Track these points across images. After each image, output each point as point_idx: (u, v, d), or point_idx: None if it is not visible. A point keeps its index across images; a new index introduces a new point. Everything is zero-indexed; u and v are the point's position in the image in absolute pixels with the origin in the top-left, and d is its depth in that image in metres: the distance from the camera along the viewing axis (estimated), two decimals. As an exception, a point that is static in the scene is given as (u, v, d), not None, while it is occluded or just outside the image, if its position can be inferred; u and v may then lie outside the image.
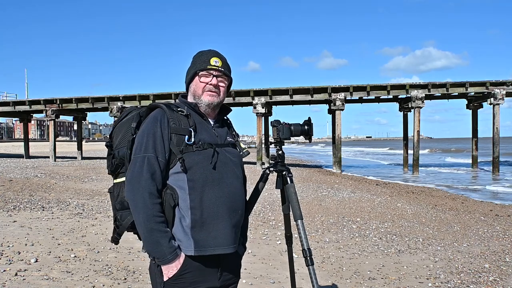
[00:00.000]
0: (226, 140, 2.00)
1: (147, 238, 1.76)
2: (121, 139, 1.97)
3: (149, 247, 1.77)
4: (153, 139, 1.82)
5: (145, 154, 1.80)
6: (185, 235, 1.81)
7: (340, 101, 22.30)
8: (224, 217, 1.86)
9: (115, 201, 1.98)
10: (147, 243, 1.77)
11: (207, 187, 1.83)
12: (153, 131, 1.83)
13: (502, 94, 21.09)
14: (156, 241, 1.75)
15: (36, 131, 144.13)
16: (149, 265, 1.92)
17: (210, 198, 1.83)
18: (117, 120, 2.07)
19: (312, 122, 2.58)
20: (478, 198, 12.17)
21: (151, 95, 24.04)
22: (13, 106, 27.66)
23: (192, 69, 2.00)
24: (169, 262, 1.77)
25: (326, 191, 12.40)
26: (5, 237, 5.83)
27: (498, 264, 5.20)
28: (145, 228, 1.75)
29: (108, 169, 2.05)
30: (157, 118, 1.86)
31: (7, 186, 11.68)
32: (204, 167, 1.84)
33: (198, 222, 1.81)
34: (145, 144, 1.82)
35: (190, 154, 1.83)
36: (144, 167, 1.78)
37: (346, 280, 4.57)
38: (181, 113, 1.89)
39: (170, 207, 1.80)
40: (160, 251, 1.76)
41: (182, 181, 1.82)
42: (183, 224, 1.81)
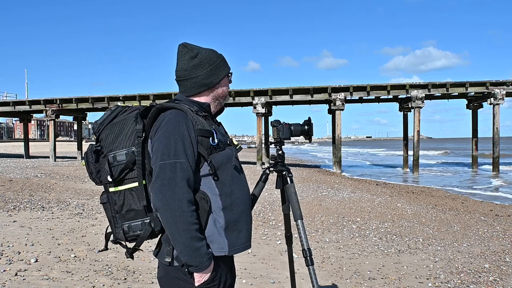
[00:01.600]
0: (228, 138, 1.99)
1: (186, 247, 1.68)
2: (120, 142, 1.81)
3: (188, 255, 1.69)
4: (182, 143, 1.72)
5: (175, 160, 1.70)
6: (219, 236, 1.79)
7: (340, 101, 22.30)
8: (247, 215, 1.91)
9: (118, 212, 1.83)
10: (186, 251, 1.68)
11: (233, 187, 1.83)
12: (181, 134, 1.73)
13: (502, 94, 21.09)
14: (196, 249, 1.69)
15: (36, 131, 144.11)
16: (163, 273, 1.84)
17: (238, 197, 1.84)
18: (103, 121, 1.88)
19: (312, 122, 2.59)
20: (478, 198, 12.16)
21: (151, 95, 24.01)
22: (13, 106, 27.64)
23: (221, 70, 1.93)
24: (206, 268, 1.73)
25: (326, 191, 12.40)
26: (5, 237, 5.82)
27: (498, 264, 5.20)
28: (185, 237, 1.67)
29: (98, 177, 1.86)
30: (180, 120, 1.76)
31: (7, 186, 11.67)
32: (228, 168, 1.82)
33: (231, 222, 1.81)
34: (174, 148, 1.71)
35: (215, 156, 1.79)
36: (177, 173, 1.68)
37: (346, 280, 4.57)
38: (199, 114, 1.83)
39: (205, 211, 1.75)
40: (199, 259, 1.70)
41: (211, 183, 1.79)
42: (217, 226, 1.78)
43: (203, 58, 1.89)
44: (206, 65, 1.89)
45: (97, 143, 1.86)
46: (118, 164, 1.80)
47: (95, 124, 1.90)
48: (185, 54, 1.91)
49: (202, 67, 1.89)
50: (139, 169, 1.79)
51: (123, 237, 1.84)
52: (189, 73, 1.89)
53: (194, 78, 1.89)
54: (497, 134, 21.24)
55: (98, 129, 1.88)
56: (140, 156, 1.79)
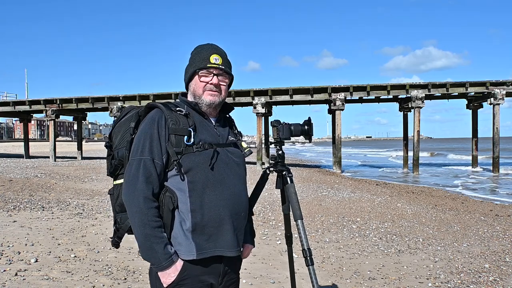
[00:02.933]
0: (228, 139, 1.94)
1: (142, 244, 1.71)
2: (120, 139, 1.92)
3: (144, 252, 1.72)
4: (150, 141, 1.76)
5: (141, 156, 1.74)
6: (186, 239, 1.75)
7: (340, 101, 22.30)
8: (226, 219, 1.80)
9: (115, 203, 1.93)
10: (142, 248, 1.72)
11: (208, 189, 1.78)
12: (150, 132, 1.77)
13: (502, 94, 21.09)
14: (151, 247, 1.69)
15: (36, 131, 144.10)
16: (149, 269, 1.86)
17: (211, 200, 1.78)
18: (116, 120, 2.01)
19: (312, 122, 2.58)
20: (478, 198, 12.16)
21: (151, 95, 24.02)
22: (13, 106, 27.65)
23: (191, 67, 1.92)
24: (164, 268, 1.72)
25: (326, 191, 12.40)
26: (5, 237, 5.82)
27: (498, 264, 5.20)
28: (140, 234, 1.70)
29: (108, 170, 1.99)
30: (155, 119, 1.80)
31: (7, 186, 11.67)
32: (204, 169, 1.78)
33: (199, 225, 1.76)
34: (142, 146, 1.76)
35: (190, 155, 1.76)
36: (140, 170, 1.73)
37: (346, 280, 4.57)
38: (179, 112, 1.82)
39: (169, 210, 1.74)
40: (155, 257, 1.70)
41: (182, 183, 1.76)
42: (184, 228, 1.75)
43: (190, 59, 1.98)
44: (188, 64, 1.97)
45: (109, 140, 1.99)
46: (117, 159, 1.93)
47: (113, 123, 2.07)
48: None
49: (189, 67, 1.95)
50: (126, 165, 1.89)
51: (116, 227, 1.96)
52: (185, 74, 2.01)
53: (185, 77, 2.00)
54: (497, 134, 21.24)
55: (111, 128, 2.03)
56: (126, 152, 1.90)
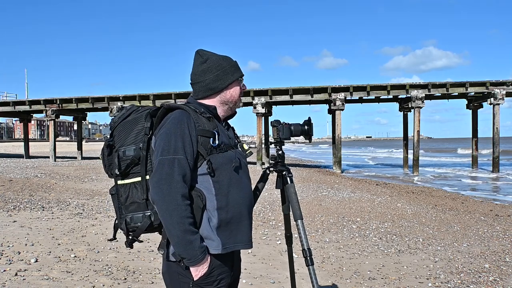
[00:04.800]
0: (235, 142, 2.06)
1: (180, 240, 1.75)
2: (130, 138, 1.94)
3: (181, 248, 1.76)
4: (182, 141, 1.81)
5: (174, 156, 1.79)
6: (213, 234, 1.85)
7: (340, 101, 22.31)
8: (245, 216, 1.95)
9: (123, 203, 1.94)
10: (180, 244, 1.76)
11: (231, 188, 1.89)
12: (181, 132, 1.82)
13: (502, 94, 21.09)
14: (189, 241, 1.75)
15: (36, 131, 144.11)
16: (165, 268, 1.90)
17: (234, 199, 1.89)
18: (118, 118, 2.02)
19: (312, 122, 2.59)
20: (478, 198, 12.16)
21: (151, 95, 24.01)
22: (13, 106, 27.64)
23: (230, 75, 2.01)
24: (199, 261, 1.79)
25: (326, 191, 12.40)
26: (5, 237, 5.83)
27: (498, 264, 5.20)
28: (179, 230, 1.74)
29: (110, 170, 1.99)
30: (183, 120, 1.85)
31: (7, 186, 11.68)
32: (228, 169, 1.88)
33: (223, 222, 1.86)
34: (174, 145, 1.80)
35: (215, 156, 1.86)
36: (174, 169, 1.77)
37: (346, 280, 4.57)
38: (204, 115, 1.91)
39: (199, 208, 1.83)
40: (193, 251, 1.76)
41: (208, 183, 1.85)
42: (211, 224, 1.85)
43: (212, 63, 2.01)
44: (213, 70, 2.00)
45: (111, 138, 1.98)
46: (127, 158, 1.93)
47: (112, 121, 2.04)
48: (197, 59, 2.04)
49: (209, 72, 2.00)
50: (143, 164, 1.92)
51: (125, 228, 1.95)
52: (197, 77, 2.02)
53: (202, 82, 2.00)
54: (497, 134, 21.24)
55: (112, 126, 2.01)
56: (142, 152, 1.92)
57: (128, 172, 1.93)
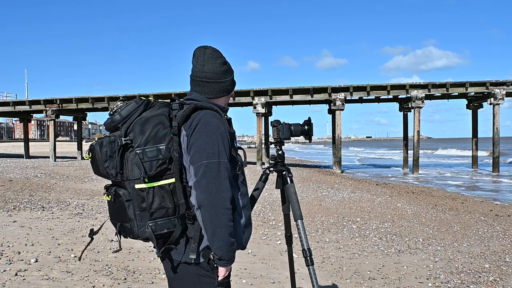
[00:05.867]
0: None
1: (226, 243, 1.75)
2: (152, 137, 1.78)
3: (225, 250, 1.75)
4: (223, 143, 1.80)
5: (220, 159, 1.77)
6: (240, 231, 1.93)
7: (340, 101, 22.30)
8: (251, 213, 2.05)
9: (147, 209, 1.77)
10: (224, 247, 1.75)
11: (245, 186, 1.98)
12: (221, 135, 1.81)
13: (502, 94, 21.09)
14: (232, 244, 1.78)
15: (36, 131, 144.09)
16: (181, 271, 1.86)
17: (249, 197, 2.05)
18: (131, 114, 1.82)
19: (312, 122, 2.59)
20: (478, 198, 12.16)
21: (151, 95, 24.04)
22: (13, 106, 27.63)
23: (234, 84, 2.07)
24: (232, 262, 1.83)
25: (326, 191, 12.40)
26: (5, 237, 5.83)
27: (498, 264, 5.20)
28: (226, 233, 1.75)
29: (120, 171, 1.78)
30: (219, 122, 1.84)
31: (7, 186, 11.67)
32: (242, 168, 1.96)
33: (248, 219, 1.97)
34: (218, 148, 1.78)
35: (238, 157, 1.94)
36: (221, 173, 1.76)
37: (346, 280, 4.57)
38: (226, 116, 1.96)
39: (235, 210, 1.88)
40: (232, 253, 1.80)
41: (235, 183, 1.91)
42: (240, 223, 1.92)
43: (229, 66, 2.05)
44: (231, 72, 2.04)
45: (125, 137, 1.78)
46: (151, 160, 1.76)
47: (119, 116, 1.82)
48: (217, 58, 1.98)
49: (229, 74, 2.02)
50: (176, 166, 1.79)
51: (152, 236, 1.78)
52: (219, 76, 1.97)
53: (223, 83, 1.99)
54: (497, 134, 21.24)
55: (124, 122, 1.81)
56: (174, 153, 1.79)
57: (157, 175, 1.77)
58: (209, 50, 1.98)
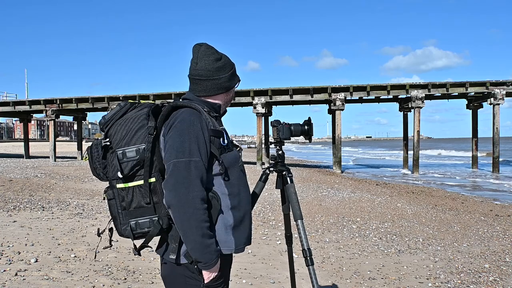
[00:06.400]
0: None
1: (198, 245, 1.71)
2: (131, 138, 1.80)
3: (199, 252, 1.71)
4: (197, 142, 1.75)
5: (190, 158, 1.72)
6: (227, 235, 1.83)
7: (340, 101, 22.30)
8: (250, 214, 1.95)
9: (126, 208, 1.82)
10: (197, 248, 1.71)
11: (241, 186, 1.89)
12: (195, 133, 1.76)
13: (502, 94, 21.09)
14: (207, 245, 1.72)
15: (36, 131, 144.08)
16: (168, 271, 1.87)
17: (243, 198, 1.90)
18: (113, 116, 1.86)
19: (312, 122, 2.59)
20: (478, 198, 12.16)
21: (151, 95, 23.98)
22: (13, 106, 27.63)
23: (236, 76, 2.02)
24: (214, 265, 1.76)
25: (326, 191, 12.40)
26: (5, 237, 5.83)
27: (498, 264, 5.20)
28: (197, 235, 1.69)
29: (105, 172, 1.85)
30: (195, 119, 1.79)
31: (7, 186, 11.67)
32: (236, 168, 1.89)
33: (238, 221, 1.86)
34: (189, 147, 1.73)
35: (225, 156, 1.83)
36: (191, 171, 1.71)
37: (346, 280, 4.57)
38: (211, 114, 1.87)
39: (216, 210, 1.79)
40: (210, 255, 1.73)
41: (220, 183, 1.83)
42: (226, 224, 1.83)
43: (226, 62, 1.97)
44: (227, 69, 1.97)
45: (106, 139, 1.83)
46: (128, 160, 1.79)
47: (103, 119, 1.88)
48: (210, 55, 1.93)
49: (224, 70, 1.95)
50: (147, 166, 1.79)
51: (131, 234, 1.83)
52: (212, 74, 1.92)
53: (217, 80, 1.93)
54: (497, 134, 21.24)
55: (106, 124, 1.86)
56: (147, 152, 1.79)
57: (133, 175, 1.80)
58: (203, 47, 1.95)
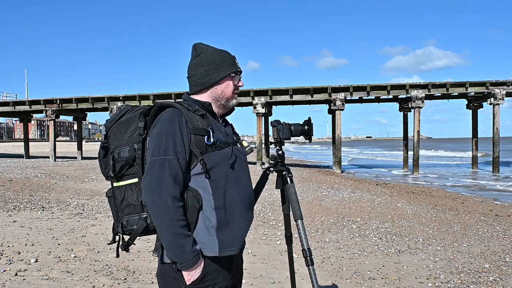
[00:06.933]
0: (233, 139, 1.99)
1: (171, 243, 1.70)
2: (124, 139, 1.88)
3: (172, 251, 1.71)
4: (173, 141, 1.76)
5: (165, 156, 1.74)
6: (210, 236, 1.79)
7: (340, 101, 22.30)
8: (243, 216, 1.88)
9: (119, 206, 1.89)
10: (171, 248, 1.71)
11: (228, 186, 1.83)
12: (173, 132, 1.77)
13: (502, 94, 21.09)
14: (180, 245, 1.70)
15: (36, 131, 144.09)
16: (159, 270, 1.87)
17: (232, 198, 1.84)
18: (112, 119, 1.96)
19: (312, 122, 2.58)
20: (478, 198, 12.16)
21: (151, 95, 24.00)
22: (13, 106, 27.63)
23: (220, 70, 1.93)
24: (192, 266, 1.73)
25: (326, 191, 12.40)
26: (5, 237, 5.83)
27: (498, 264, 5.20)
28: (169, 233, 1.69)
29: (106, 172, 1.93)
30: (175, 119, 1.80)
31: (7, 186, 11.67)
32: (224, 167, 1.83)
33: (223, 222, 1.81)
34: (165, 146, 1.75)
35: (210, 155, 1.80)
36: (165, 170, 1.72)
37: (346, 280, 4.57)
38: (197, 113, 1.85)
39: (195, 209, 1.77)
40: (184, 255, 1.71)
41: (204, 182, 1.80)
42: (208, 225, 1.79)
43: (205, 57, 1.95)
44: (205, 64, 1.94)
45: (105, 140, 1.93)
46: (121, 160, 1.87)
47: (106, 122, 1.99)
48: (192, 53, 2.00)
49: (201, 66, 1.94)
50: (139, 165, 1.86)
51: (121, 231, 1.90)
52: (190, 71, 1.98)
53: (194, 76, 1.96)
54: (497, 134, 21.24)
55: (107, 127, 1.96)
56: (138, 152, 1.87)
57: (123, 174, 1.88)
58: (192, 48, 2.01)
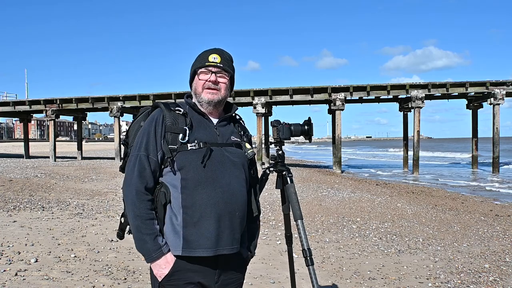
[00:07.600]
0: (230, 139, 1.96)
1: (135, 236, 1.81)
2: (132, 136, 2.02)
3: (136, 244, 1.81)
4: (146, 138, 1.86)
5: (138, 152, 1.85)
6: (174, 234, 1.81)
7: (340, 101, 22.30)
8: (217, 218, 1.82)
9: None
10: (135, 240, 1.81)
11: (199, 186, 1.81)
12: (148, 130, 1.88)
13: (502, 94, 21.08)
14: (142, 238, 1.78)
15: (36, 131, 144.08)
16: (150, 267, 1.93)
17: (202, 198, 1.81)
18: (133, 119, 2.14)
19: (312, 122, 2.58)
20: (478, 198, 12.16)
21: (151, 95, 24.02)
22: (13, 106, 27.63)
23: (192, 68, 2.02)
24: (154, 260, 1.79)
25: (326, 191, 12.40)
26: (5, 237, 5.82)
27: (498, 264, 5.20)
28: (133, 226, 1.80)
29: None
30: (154, 117, 1.90)
31: (7, 186, 11.67)
32: (197, 166, 1.82)
33: (190, 221, 1.80)
34: (139, 142, 1.87)
35: (184, 153, 1.83)
36: (135, 165, 1.83)
37: (346, 280, 4.57)
38: (178, 112, 1.91)
39: (161, 204, 1.82)
40: (146, 249, 1.78)
41: (175, 180, 1.83)
42: (174, 223, 1.81)
43: (198, 56, 2.04)
44: (194, 65, 2.02)
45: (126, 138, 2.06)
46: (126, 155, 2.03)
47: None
48: None
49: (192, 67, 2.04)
50: None
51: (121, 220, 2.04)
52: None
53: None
54: (497, 134, 21.23)
55: (128, 126, 2.18)
56: None
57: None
58: None
